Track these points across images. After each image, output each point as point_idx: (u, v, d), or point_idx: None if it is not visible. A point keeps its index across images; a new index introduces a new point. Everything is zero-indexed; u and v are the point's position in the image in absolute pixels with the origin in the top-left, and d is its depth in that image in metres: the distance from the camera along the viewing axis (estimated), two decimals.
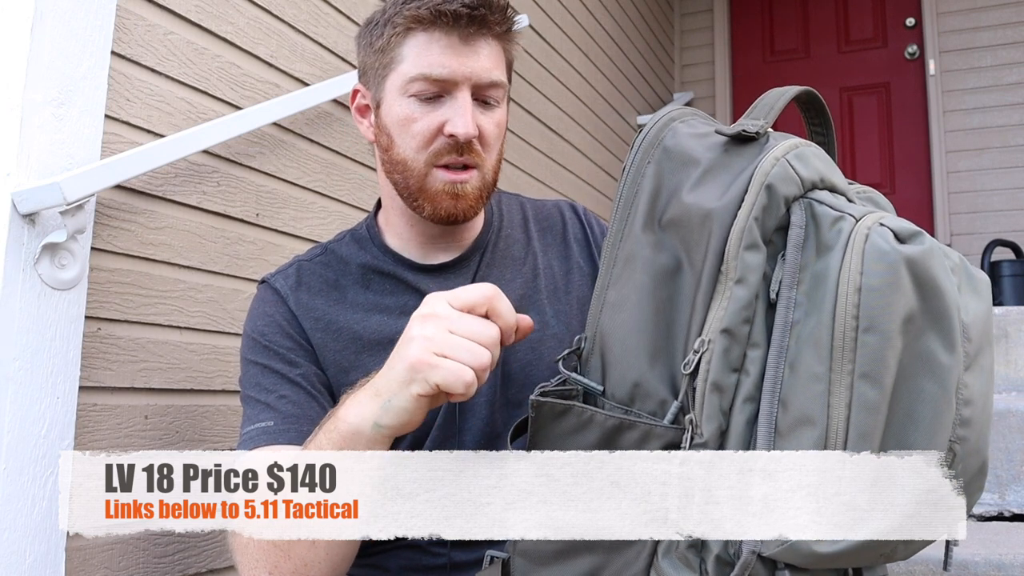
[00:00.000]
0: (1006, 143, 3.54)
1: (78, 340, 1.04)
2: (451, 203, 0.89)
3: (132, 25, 1.15)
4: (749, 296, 0.61)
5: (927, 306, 0.59)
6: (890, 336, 0.57)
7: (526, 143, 2.43)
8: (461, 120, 0.86)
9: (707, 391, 0.60)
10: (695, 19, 4.24)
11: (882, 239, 0.59)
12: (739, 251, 0.61)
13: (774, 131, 0.68)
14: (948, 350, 0.60)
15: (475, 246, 0.98)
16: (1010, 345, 1.91)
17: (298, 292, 0.94)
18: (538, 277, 0.98)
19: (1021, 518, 1.53)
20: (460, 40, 0.86)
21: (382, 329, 0.92)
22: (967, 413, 0.62)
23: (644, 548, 0.63)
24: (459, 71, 0.86)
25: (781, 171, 0.62)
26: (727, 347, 0.60)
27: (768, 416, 0.59)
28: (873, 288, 0.57)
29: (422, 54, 0.86)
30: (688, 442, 0.61)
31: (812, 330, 0.59)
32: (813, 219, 0.62)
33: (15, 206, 0.96)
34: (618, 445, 0.64)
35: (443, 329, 0.67)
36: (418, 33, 0.87)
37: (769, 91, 0.71)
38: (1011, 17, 3.59)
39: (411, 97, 0.88)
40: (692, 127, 0.70)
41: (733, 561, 0.59)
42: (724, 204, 0.62)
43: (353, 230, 1.02)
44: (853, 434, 0.57)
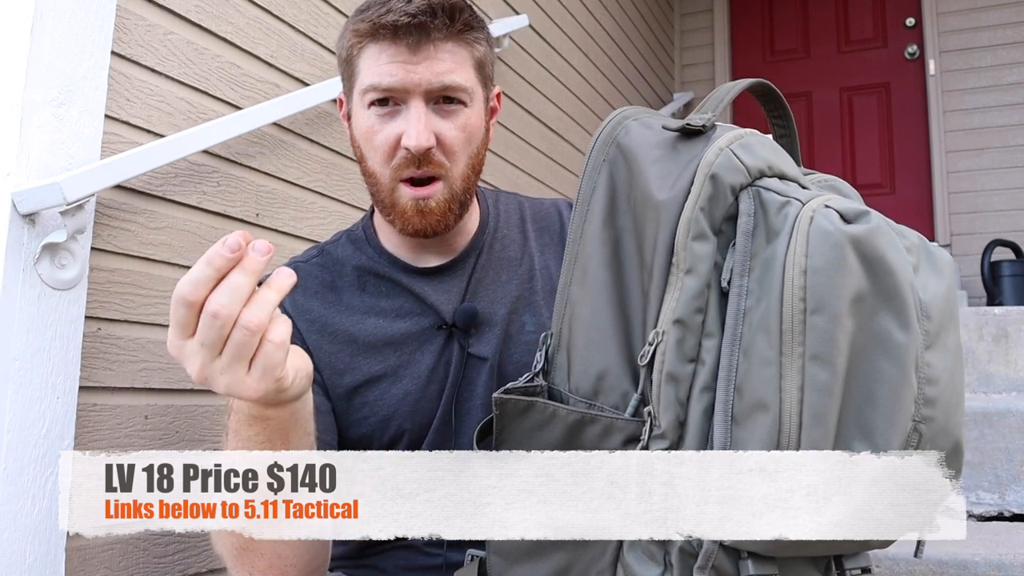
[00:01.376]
0: (1006, 143, 3.54)
1: (78, 340, 1.04)
2: (418, 220, 0.88)
3: (132, 25, 1.15)
4: (700, 286, 0.61)
5: (877, 285, 0.59)
6: (839, 317, 0.57)
7: (526, 143, 2.43)
8: (413, 130, 0.85)
9: (663, 382, 0.60)
10: (695, 19, 4.24)
11: (827, 220, 0.59)
12: (687, 241, 0.61)
13: (723, 124, 0.68)
14: (903, 328, 0.60)
15: (470, 248, 0.97)
16: (1010, 345, 1.91)
17: (294, 294, 0.94)
18: (534, 278, 0.98)
19: (1021, 518, 1.53)
20: (407, 49, 0.85)
21: (377, 332, 0.92)
22: (931, 392, 0.62)
23: (610, 543, 0.64)
24: (406, 80, 0.85)
25: (725, 160, 0.62)
26: (681, 337, 0.61)
27: (724, 404, 0.59)
28: (818, 269, 0.57)
29: (372, 66, 0.87)
30: (647, 434, 0.61)
31: (762, 315, 0.59)
32: (761, 206, 0.62)
33: (15, 206, 0.96)
34: (581, 439, 0.65)
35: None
36: (369, 45, 0.87)
37: (721, 86, 0.72)
38: (1011, 17, 3.59)
39: (370, 108, 0.88)
40: (645, 125, 0.71)
41: (696, 551, 0.59)
42: (672, 196, 0.63)
43: (349, 231, 1.02)
44: (807, 417, 0.57)
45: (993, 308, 2.01)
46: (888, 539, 0.62)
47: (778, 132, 0.82)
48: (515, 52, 2.37)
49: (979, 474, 1.56)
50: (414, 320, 0.93)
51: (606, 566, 0.64)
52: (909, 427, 0.60)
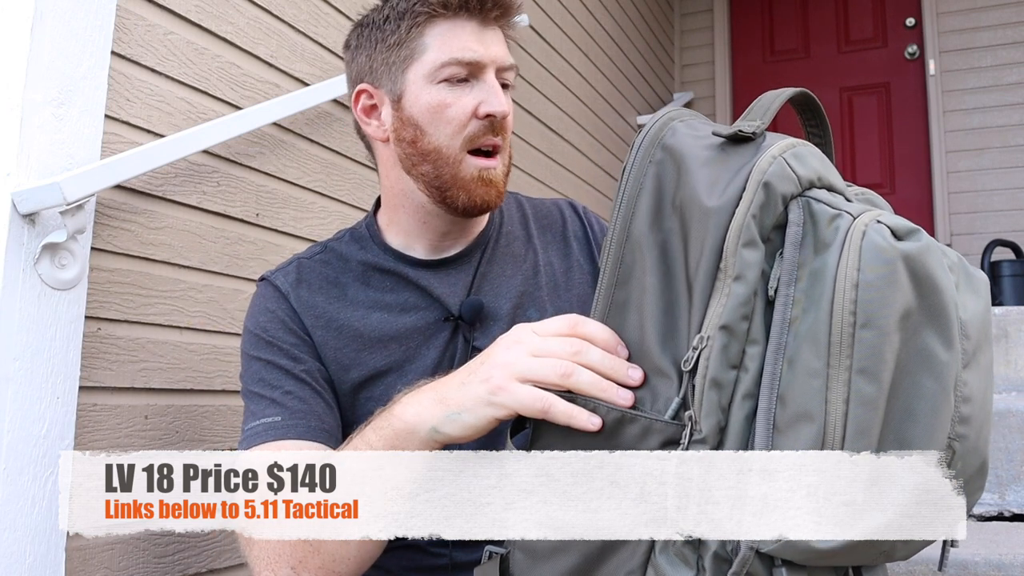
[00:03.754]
0: (1006, 143, 3.54)
1: (78, 340, 1.04)
2: (484, 190, 0.92)
3: (132, 25, 1.15)
4: (747, 293, 0.61)
5: (924, 303, 0.59)
6: (887, 332, 0.57)
7: (526, 143, 2.43)
8: (496, 99, 0.90)
9: (706, 387, 0.60)
10: (695, 19, 4.24)
11: (879, 236, 0.59)
12: (737, 248, 0.61)
13: (771, 132, 0.68)
14: (946, 346, 0.60)
15: (478, 242, 0.98)
16: (1010, 345, 1.91)
17: (299, 289, 0.94)
18: (539, 274, 0.98)
19: (1021, 518, 1.53)
20: (480, 25, 0.91)
21: (383, 326, 0.92)
22: (966, 411, 0.62)
23: (641, 544, 0.63)
24: (486, 54, 0.90)
25: (778, 169, 0.62)
26: (726, 343, 0.60)
27: (766, 412, 0.59)
28: (870, 284, 0.57)
29: (449, 40, 0.90)
30: (687, 438, 0.61)
31: (810, 326, 0.59)
32: (811, 217, 0.62)
33: (15, 206, 0.96)
34: (619, 439, 0.64)
35: (524, 354, 0.67)
36: (440, 21, 0.90)
37: (765, 93, 0.72)
38: (1011, 17, 3.59)
39: (441, 83, 0.90)
40: (691, 127, 0.70)
41: (731, 558, 0.59)
42: (722, 202, 0.62)
43: (352, 229, 1.02)
44: (851, 430, 0.57)
45: (993, 308, 2.01)
46: (917, 548, 0.63)
47: (814, 143, 0.81)
48: (515, 52, 2.37)
49: None
50: (420, 314, 0.93)
51: (636, 567, 0.63)
52: (944, 444, 0.61)
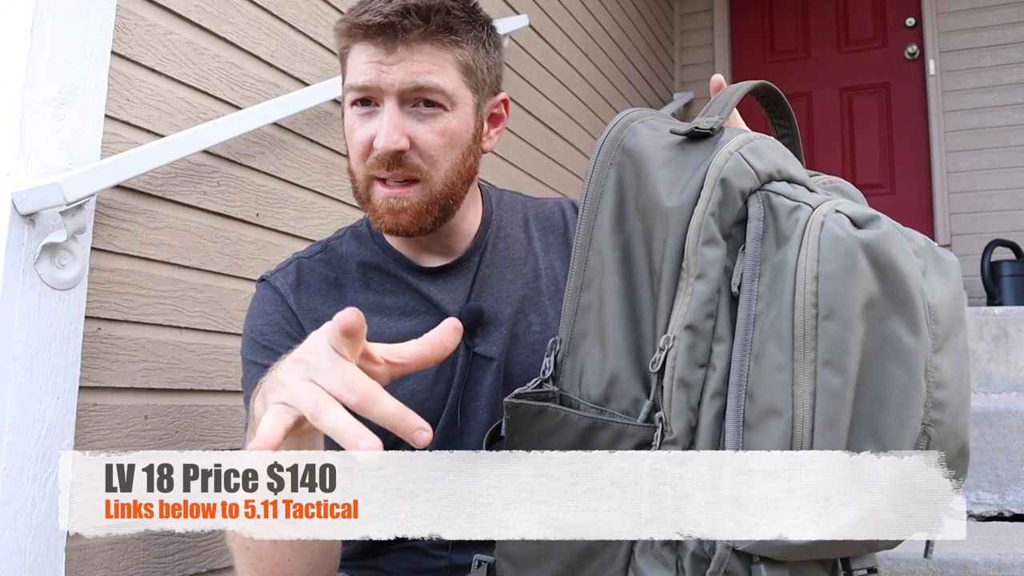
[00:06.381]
0: (1006, 143, 3.54)
1: (78, 340, 1.04)
2: (391, 218, 0.88)
3: (132, 25, 1.15)
4: (711, 291, 0.61)
5: (888, 290, 0.59)
6: (851, 322, 0.57)
7: (526, 143, 2.43)
8: (382, 132, 0.85)
9: (674, 388, 0.60)
10: (695, 19, 4.24)
11: (838, 225, 0.59)
12: (698, 247, 0.61)
13: (729, 127, 0.68)
14: (913, 333, 0.60)
15: (473, 247, 0.97)
16: (1010, 345, 1.91)
17: (298, 291, 0.93)
18: (539, 278, 0.97)
19: (1021, 518, 1.53)
20: (384, 50, 0.84)
21: (381, 331, 0.92)
22: (940, 396, 0.62)
23: (621, 548, 0.63)
24: (380, 80, 0.85)
25: (735, 164, 0.62)
26: (692, 343, 0.61)
27: (735, 410, 0.59)
28: (830, 275, 0.57)
29: (353, 65, 0.87)
30: (659, 439, 0.61)
31: (774, 321, 0.59)
32: (771, 210, 0.62)
33: (15, 206, 0.96)
34: (592, 445, 0.65)
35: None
36: (352, 45, 0.88)
37: (725, 88, 0.72)
38: (1011, 17, 3.59)
39: (351, 107, 0.89)
40: (651, 127, 0.71)
41: (709, 557, 0.59)
42: (681, 201, 0.63)
43: (353, 227, 1.01)
44: (819, 422, 0.57)
45: (993, 308, 2.01)
46: (897, 540, 0.62)
47: (780, 134, 0.81)
48: (515, 52, 2.37)
49: (979, 474, 1.56)
50: (420, 319, 0.93)
51: (617, 571, 0.64)
52: (919, 430, 0.60)
